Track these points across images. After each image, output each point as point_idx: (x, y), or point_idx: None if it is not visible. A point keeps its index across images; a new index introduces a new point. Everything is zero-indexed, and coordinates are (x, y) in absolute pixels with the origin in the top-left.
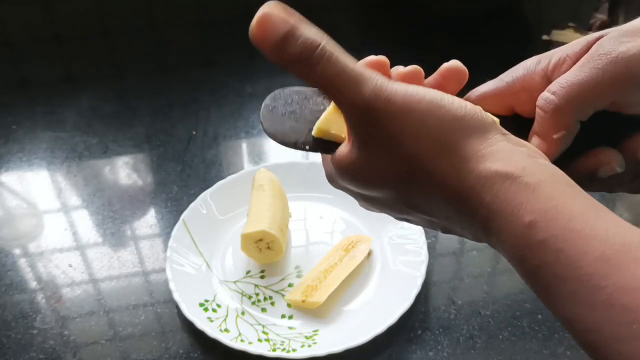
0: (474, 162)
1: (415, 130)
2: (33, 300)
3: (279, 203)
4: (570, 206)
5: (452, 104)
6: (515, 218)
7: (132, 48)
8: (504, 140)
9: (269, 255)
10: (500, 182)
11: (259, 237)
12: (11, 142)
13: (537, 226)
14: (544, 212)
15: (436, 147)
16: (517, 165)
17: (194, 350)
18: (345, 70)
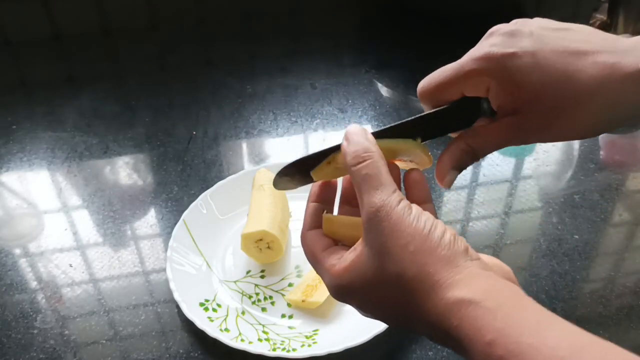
0: (443, 290)
1: (398, 250)
2: (33, 300)
3: (279, 203)
4: (524, 323)
5: (433, 233)
6: (479, 338)
7: (132, 48)
8: (472, 267)
9: (269, 255)
10: (465, 308)
11: (259, 237)
12: (11, 142)
13: (496, 344)
14: (501, 331)
15: (412, 270)
16: (480, 290)
17: (194, 350)
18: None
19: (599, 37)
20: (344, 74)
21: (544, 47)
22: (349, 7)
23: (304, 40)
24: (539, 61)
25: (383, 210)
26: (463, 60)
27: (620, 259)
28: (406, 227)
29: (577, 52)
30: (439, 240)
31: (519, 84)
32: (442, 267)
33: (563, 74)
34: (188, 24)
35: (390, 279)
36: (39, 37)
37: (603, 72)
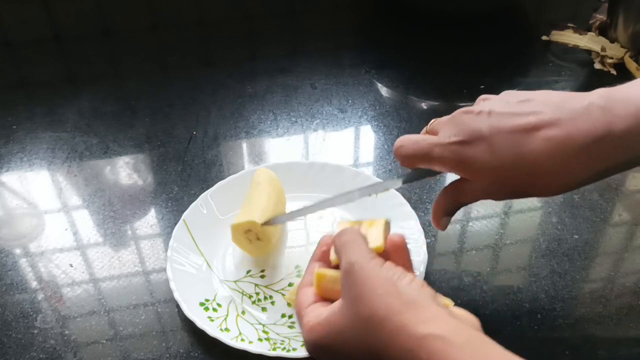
0: (412, 327)
1: (369, 294)
2: (34, 300)
3: (273, 196)
4: (489, 355)
5: (401, 280)
6: None
7: (132, 48)
8: (437, 308)
9: (259, 246)
10: (433, 342)
11: (247, 228)
12: (12, 143)
13: None
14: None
15: (382, 311)
16: (447, 327)
17: (195, 350)
18: (353, 240)
19: (554, 105)
20: (344, 74)
21: (499, 130)
22: (349, 7)
23: (303, 40)
24: (493, 147)
25: (357, 264)
26: (431, 142)
27: (620, 259)
28: (377, 275)
29: (528, 129)
30: (406, 285)
31: (477, 170)
32: (409, 307)
33: (517, 157)
34: (188, 24)
35: (362, 323)
36: (39, 37)
37: (554, 148)
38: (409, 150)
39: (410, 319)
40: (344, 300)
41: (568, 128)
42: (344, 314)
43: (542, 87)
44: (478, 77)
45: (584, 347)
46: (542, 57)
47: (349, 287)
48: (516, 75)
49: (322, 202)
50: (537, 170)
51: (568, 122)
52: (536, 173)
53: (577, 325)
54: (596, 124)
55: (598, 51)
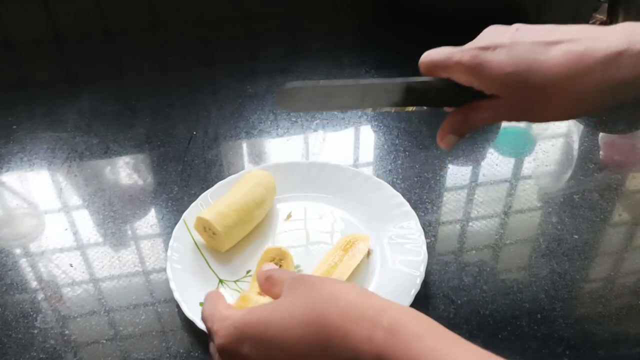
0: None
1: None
2: (34, 300)
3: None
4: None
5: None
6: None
7: (132, 48)
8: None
9: (218, 240)
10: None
11: (202, 225)
12: (12, 142)
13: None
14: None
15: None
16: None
17: (195, 350)
18: None
19: (576, 29)
20: (344, 74)
21: (521, 41)
22: (348, 7)
23: (303, 40)
24: (513, 54)
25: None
26: (455, 49)
27: (620, 258)
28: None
29: (549, 43)
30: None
31: (491, 74)
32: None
33: (533, 63)
34: (188, 24)
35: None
36: (39, 37)
37: (572, 59)
38: (432, 56)
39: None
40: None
41: (588, 44)
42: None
43: None
44: None
45: (584, 347)
46: None
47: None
48: None
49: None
50: (551, 79)
51: (589, 40)
52: (548, 86)
53: (577, 325)
54: (616, 41)
55: None
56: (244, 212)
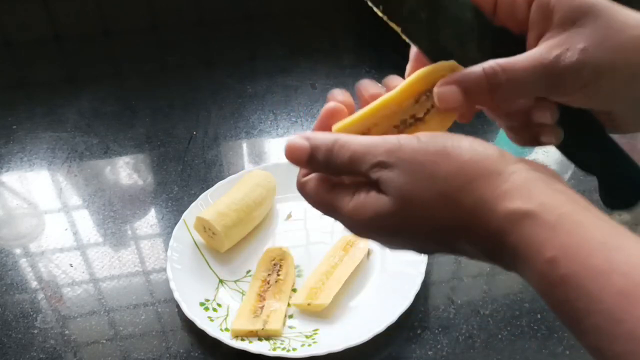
0: (493, 203)
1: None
2: (34, 300)
3: (240, 203)
4: (589, 239)
5: (459, 148)
6: (538, 255)
7: (132, 48)
8: (518, 172)
9: (217, 240)
10: (521, 222)
11: (202, 225)
12: (12, 143)
13: (558, 263)
14: (564, 249)
15: (453, 195)
16: (536, 201)
17: (195, 350)
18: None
19: None
20: (344, 74)
21: None
22: (348, 7)
23: (303, 40)
24: None
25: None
26: None
27: None
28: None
29: None
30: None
31: None
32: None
33: None
34: (188, 24)
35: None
36: (39, 37)
37: None
38: None
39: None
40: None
41: None
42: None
43: None
44: None
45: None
46: None
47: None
48: None
49: None
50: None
51: None
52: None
53: None
54: None
55: None
56: (243, 212)
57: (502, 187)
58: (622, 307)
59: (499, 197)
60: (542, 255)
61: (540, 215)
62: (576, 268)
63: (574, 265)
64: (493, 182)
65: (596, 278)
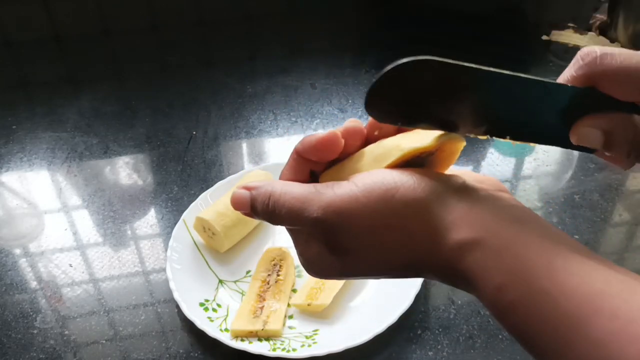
0: (441, 236)
1: (374, 236)
2: (33, 300)
3: None
4: (534, 263)
5: (399, 188)
6: (487, 283)
7: (132, 48)
8: (463, 200)
9: (217, 240)
10: (469, 251)
11: (201, 225)
12: (12, 142)
13: (506, 288)
14: (510, 274)
15: (402, 238)
16: (481, 228)
17: (194, 350)
18: (291, 203)
19: None
20: (344, 74)
21: None
22: (349, 7)
23: (303, 40)
24: None
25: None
26: None
27: (620, 259)
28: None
29: None
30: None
31: None
32: (430, 214)
33: None
34: (188, 24)
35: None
36: (39, 37)
37: None
38: None
39: (439, 225)
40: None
41: None
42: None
43: None
44: None
45: None
46: (543, 57)
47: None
48: None
49: None
50: None
51: None
52: None
53: None
54: None
55: None
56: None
57: (448, 219)
58: (569, 328)
59: (446, 229)
60: (491, 282)
61: (486, 243)
62: (523, 293)
63: (520, 290)
64: (439, 215)
65: (541, 301)
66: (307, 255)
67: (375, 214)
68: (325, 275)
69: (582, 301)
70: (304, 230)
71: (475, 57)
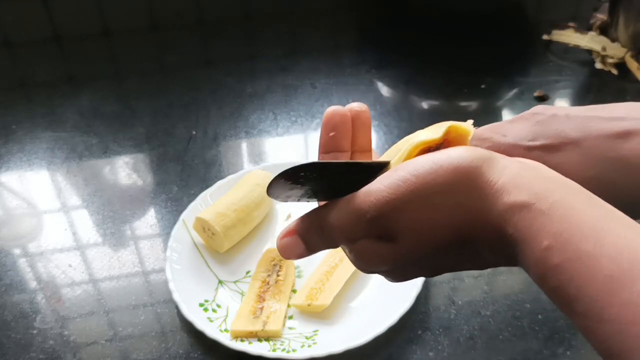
0: (491, 201)
1: (428, 196)
2: (33, 300)
3: (239, 204)
4: (581, 224)
5: (447, 159)
6: (535, 244)
7: (132, 48)
8: (509, 166)
9: (217, 240)
10: (518, 213)
11: (201, 225)
12: (11, 142)
13: (552, 250)
14: (557, 236)
15: (454, 200)
16: (530, 191)
17: (194, 351)
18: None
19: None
20: (344, 74)
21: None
22: (349, 6)
23: (304, 40)
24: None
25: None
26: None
27: None
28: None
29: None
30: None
31: None
32: (477, 180)
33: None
34: (188, 24)
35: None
36: (39, 37)
37: None
38: None
39: (486, 192)
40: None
41: None
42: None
43: (542, 87)
44: (478, 76)
45: (585, 347)
46: (543, 56)
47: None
48: (517, 75)
49: None
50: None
51: None
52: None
53: None
54: None
55: (599, 51)
56: (243, 213)
57: (498, 183)
58: (609, 291)
59: (496, 194)
60: (539, 244)
61: (535, 205)
62: (569, 255)
63: (566, 252)
64: (489, 179)
65: (587, 264)
66: (363, 256)
67: (426, 186)
68: (377, 267)
69: (625, 265)
70: (358, 235)
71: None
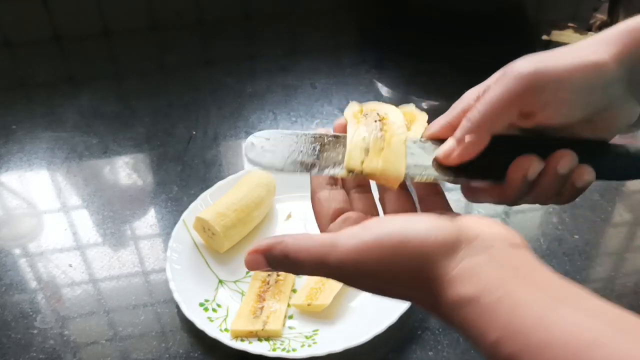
0: (440, 293)
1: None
2: (33, 300)
3: (239, 204)
4: (529, 317)
5: (412, 240)
6: (484, 337)
7: (132, 48)
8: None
9: (217, 240)
10: (465, 307)
11: (201, 225)
12: (11, 142)
13: (501, 343)
14: (505, 329)
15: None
16: (479, 284)
17: (194, 350)
18: (309, 260)
19: None
20: (344, 74)
21: None
22: (349, 6)
23: (304, 40)
24: None
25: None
26: None
27: (620, 259)
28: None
29: None
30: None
31: None
32: (435, 264)
33: None
34: (188, 24)
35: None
36: (39, 37)
37: None
38: None
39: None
40: None
41: None
42: None
43: None
44: (478, 76)
45: None
46: None
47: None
48: None
49: None
50: None
51: None
52: None
53: None
54: None
55: None
56: (243, 213)
57: (451, 274)
58: None
59: (447, 284)
60: (488, 337)
61: (483, 299)
62: (518, 347)
63: (516, 344)
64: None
65: (539, 354)
66: None
67: (385, 266)
68: None
69: (576, 352)
70: (320, 275)
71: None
